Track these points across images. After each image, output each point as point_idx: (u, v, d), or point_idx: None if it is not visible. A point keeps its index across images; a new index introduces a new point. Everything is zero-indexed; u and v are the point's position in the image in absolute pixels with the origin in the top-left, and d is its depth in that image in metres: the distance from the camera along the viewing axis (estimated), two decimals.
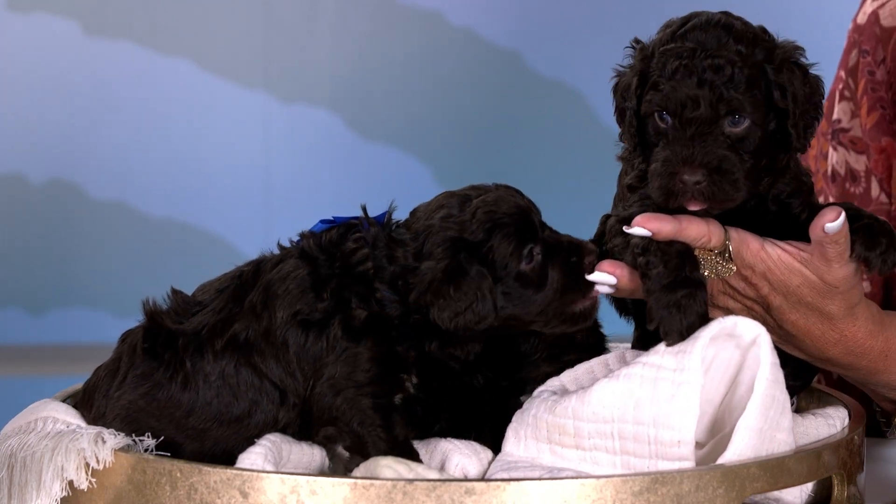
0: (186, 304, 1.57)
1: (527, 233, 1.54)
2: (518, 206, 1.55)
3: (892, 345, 1.63)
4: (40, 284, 3.74)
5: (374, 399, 1.51)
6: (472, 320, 1.51)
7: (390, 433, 1.51)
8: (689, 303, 1.51)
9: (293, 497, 1.39)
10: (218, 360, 1.53)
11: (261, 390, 1.53)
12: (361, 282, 1.53)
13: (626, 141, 1.60)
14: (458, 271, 1.51)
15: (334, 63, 3.77)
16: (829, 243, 1.54)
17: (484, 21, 3.77)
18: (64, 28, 3.71)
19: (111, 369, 1.58)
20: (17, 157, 3.72)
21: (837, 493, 1.54)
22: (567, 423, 1.50)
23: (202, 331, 1.54)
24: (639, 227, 1.53)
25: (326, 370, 1.51)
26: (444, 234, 1.53)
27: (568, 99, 3.77)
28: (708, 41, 1.57)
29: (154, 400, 1.55)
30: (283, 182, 3.78)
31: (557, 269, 1.54)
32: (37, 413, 1.59)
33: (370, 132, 3.78)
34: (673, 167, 1.54)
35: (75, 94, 3.72)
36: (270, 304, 1.53)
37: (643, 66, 1.59)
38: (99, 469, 1.49)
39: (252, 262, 1.58)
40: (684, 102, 1.55)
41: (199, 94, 3.75)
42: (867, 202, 2.00)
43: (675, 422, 1.45)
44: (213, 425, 1.54)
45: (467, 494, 1.37)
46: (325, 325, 1.51)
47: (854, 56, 2.03)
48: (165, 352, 1.55)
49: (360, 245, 1.53)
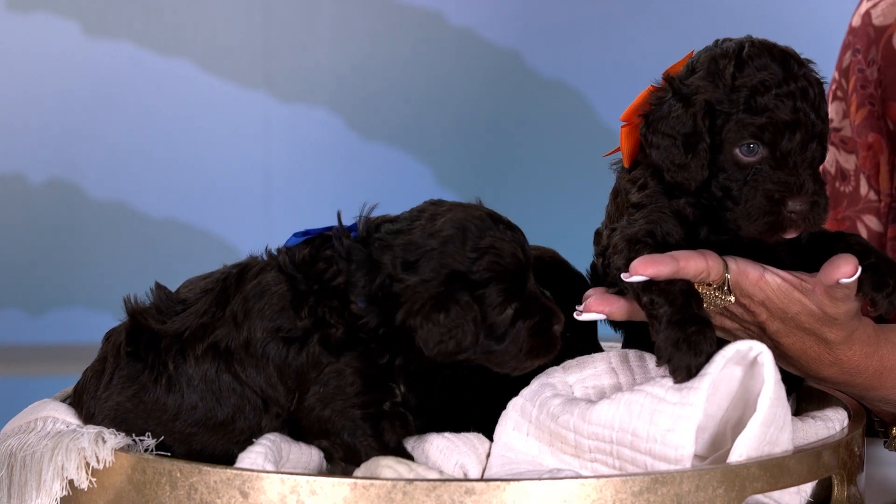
0: (170, 302, 1.57)
1: (516, 289, 1.52)
2: (520, 262, 1.53)
3: (886, 363, 1.63)
4: (40, 284, 3.73)
5: (362, 410, 1.51)
6: (452, 349, 1.50)
7: (381, 440, 1.51)
8: (699, 339, 1.49)
9: (293, 497, 1.39)
10: (199, 364, 1.53)
11: (243, 397, 1.53)
12: (337, 297, 1.51)
13: (692, 173, 1.55)
14: (449, 299, 1.50)
15: (334, 63, 3.77)
16: (840, 288, 1.53)
17: (484, 21, 3.77)
18: (64, 28, 3.71)
19: (97, 370, 1.58)
20: (17, 157, 3.72)
21: (837, 494, 1.54)
22: (568, 435, 1.50)
23: (184, 333, 1.54)
24: (637, 275, 1.51)
25: (312, 386, 1.51)
26: (443, 262, 1.51)
27: (568, 99, 3.77)
28: (784, 68, 1.55)
29: (141, 402, 1.55)
30: (283, 182, 3.77)
31: (525, 329, 1.53)
32: (36, 413, 1.59)
33: (370, 132, 3.78)
34: (781, 197, 1.52)
35: (75, 94, 3.72)
36: (250, 317, 1.52)
37: (713, 97, 1.55)
38: (99, 469, 1.49)
39: (238, 265, 1.57)
40: (782, 131, 1.52)
41: (199, 95, 3.75)
42: (856, 200, 2.01)
43: (671, 455, 1.45)
44: (200, 430, 1.54)
45: (467, 494, 1.37)
46: (304, 341, 1.51)
47: (848, 57, 2.04)
48: (149, 354, 1.55)
49: (330, 263, 1.52)
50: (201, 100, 3.75)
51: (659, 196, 1.58)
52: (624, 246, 1.55)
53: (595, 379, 1.58)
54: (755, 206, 1.53)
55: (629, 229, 1.57)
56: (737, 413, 1.52)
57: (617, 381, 1.58)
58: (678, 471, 1.42)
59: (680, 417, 1.44)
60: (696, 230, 1.57)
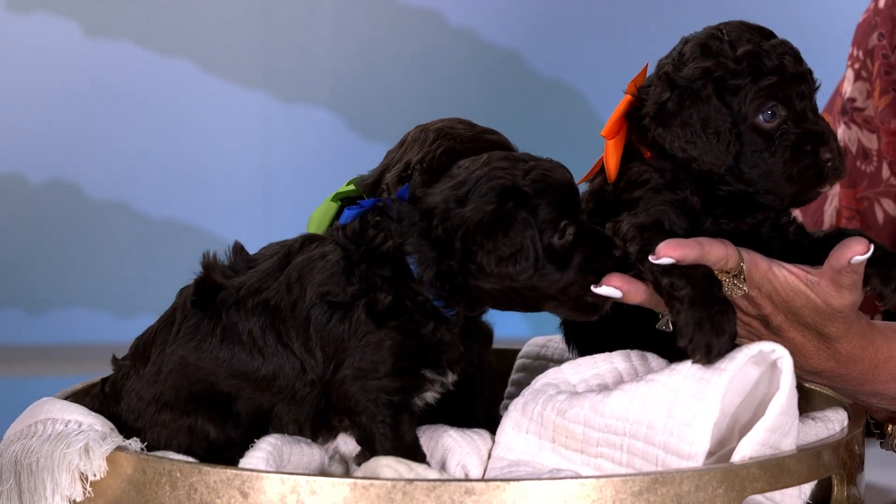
0: (242, 262, 1.60)
1: (568, 209, 1.53)
2: (570, 182, 1.55)
3: (880, 355, 1.63)
4: (40, 284, 3.73)
5: (387, 396, 1.52)
6: (513, 270, 1.51)
7: (397, 433, 1.51)
8: (722, 319, 1.50)
9: (293, 497, 1.39)
10: (249, 318, 1.55)
11: (284, 357, 1.55)
12: (389, 263, 1.53)
13: (720, 155, 1.56)
14: (507, 216, 1.51)
15: (334, 63, 3.77)
16: (848, 272, 1.54)
17: (484, 21, 3.77)
18: (64, 28, 3.71)
19: (167, 322, 1.60)
20: (17, 157, 3.72)
21: (837, 494, 1.54)
22: (576, 428, 1.50)
23: (242, 288, 1.57)
24: (665, 256, 1.51)
25: (348, 357, 1.52)
26: (494, 182, 1.52)
27: (568, 99, 3.77)
28: (763, 34, 1.59)
29: (201, 354, 1.56)
30: (283, 182, 3.77)
31: (582, 254, 1.53)
32: (36, 416, 1.59)
33: (370, 132, 3.78)
34: (814, 147, 1.55)
35: (75, 94, 3.72)
36: (302, 280, 1.55)
37: (719, 73, 1.57)
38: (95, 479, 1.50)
39: (306, 236, 1.61)
40: (793, 84, 1.56)
41: (199, 94, 3.75)
42: (877, 182, 2.01)
43: (685, 450, 1.45)
44: (247, 384, 1.56)
45: (467, 494, 1.37)
46: (350, 307, 1.52)
47: (874, 39, 2.03)
48: (209, 305, 1.57)
49: (379, 229, 1.54)
50: (201, 100, 3.75)
51: (661, 189, 1.59)
52: (635, 233, 1.56)
53: (598, 379, 1.58)
54: (793, 161, 1.55)
55: (636, 219, 1.57)
56: (747, 413, 1.52)
57: (621, 380, 1.57)
58: (678, 471, 1.42)
59: (698, 412, 1.44)
60: (699, 220, 1.58)
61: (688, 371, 1.48)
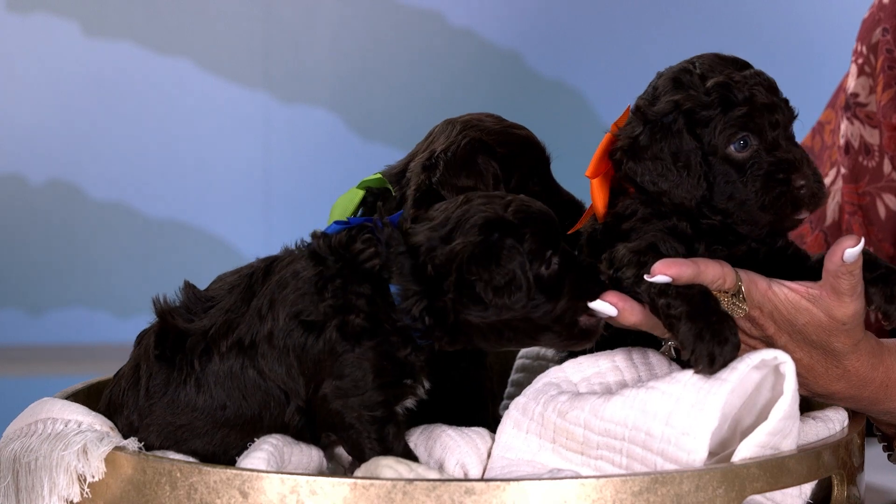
0: (198, 300, 1.56)
1: (551, 239, 1.53)
2: (549, 213, 1.55)
3: (892, 374, 1.62)
4: (40, 284, 3.73)
5: (370, 412, 1.50)
6: (508, 301, 1.50)
7: (385, 445, 1.50)
8: (722, 328, 1.49)
9: (293, 497, 1.39)
10: (224, 361, 1.52)
11: (267, 392, 1.52)
12: (367, 280, 1.51)
13: (691, 188, 1.56)
14: (495, 246, 1.50)
15: (334, 63, 3.77)
16: (845, 274, 1.53)
17: (484, 21, 3.77)
18: (64, 28, 3.71)
19: (132, 379, 1.56)
20: (16, 158, 3.72)
21: (837, 494, 1.54)
22: (577, 430, 1.50)
23: (210, 330, 1.54)
24: (660, 274, 1.51)
25: (327, 378, 1.51)
26: (478, 216, 1.52)
27: (568, 99, 3.77)
28: (737, 65, 1.58)
29: (177, 408, 1.53)
30: (283, 182, 3.77)
31: (571, 281, 1.53)
32: (36, 415, 1.59)
33: (370, 132, 3.78)
34: (785, 176, 1.54)
35: (75, 94, 3.72)
36: (274, 306, 1.52)
37: (689, 106, 1.57)
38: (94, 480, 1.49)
39: (268, 259, 1.57)
40: (765, 114, 1.55)
41: (199, 94, 3.75)
42: (879, 177, 2.01)
43: (683, 458, 1.44)
44: (232, 431, 1.53)
45: (467, 494, 1.37)
46: (323, 326, 1.50)
47: (878, 34, 2.03)
48: (176, 354, 1.54)
49: (368, 245, 1.52)
50: (201, 100, 3.75)
51: (650, 219, 1.59)
52: (631, 257, 1.56)
53: (600, 378, 1.58)
54: (765, 190, 1.55)
55: (631, 244, 1.57)
56: (749, 417, 1.52)
57: (622, 379, 1.57)
58: (678, 471, 1.42)
59: (697, 422, 1.44)
60: (694, 246, 1.58)
61: (688, 380, 1.48)
